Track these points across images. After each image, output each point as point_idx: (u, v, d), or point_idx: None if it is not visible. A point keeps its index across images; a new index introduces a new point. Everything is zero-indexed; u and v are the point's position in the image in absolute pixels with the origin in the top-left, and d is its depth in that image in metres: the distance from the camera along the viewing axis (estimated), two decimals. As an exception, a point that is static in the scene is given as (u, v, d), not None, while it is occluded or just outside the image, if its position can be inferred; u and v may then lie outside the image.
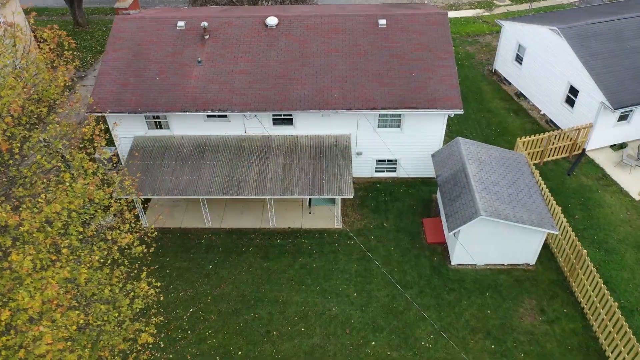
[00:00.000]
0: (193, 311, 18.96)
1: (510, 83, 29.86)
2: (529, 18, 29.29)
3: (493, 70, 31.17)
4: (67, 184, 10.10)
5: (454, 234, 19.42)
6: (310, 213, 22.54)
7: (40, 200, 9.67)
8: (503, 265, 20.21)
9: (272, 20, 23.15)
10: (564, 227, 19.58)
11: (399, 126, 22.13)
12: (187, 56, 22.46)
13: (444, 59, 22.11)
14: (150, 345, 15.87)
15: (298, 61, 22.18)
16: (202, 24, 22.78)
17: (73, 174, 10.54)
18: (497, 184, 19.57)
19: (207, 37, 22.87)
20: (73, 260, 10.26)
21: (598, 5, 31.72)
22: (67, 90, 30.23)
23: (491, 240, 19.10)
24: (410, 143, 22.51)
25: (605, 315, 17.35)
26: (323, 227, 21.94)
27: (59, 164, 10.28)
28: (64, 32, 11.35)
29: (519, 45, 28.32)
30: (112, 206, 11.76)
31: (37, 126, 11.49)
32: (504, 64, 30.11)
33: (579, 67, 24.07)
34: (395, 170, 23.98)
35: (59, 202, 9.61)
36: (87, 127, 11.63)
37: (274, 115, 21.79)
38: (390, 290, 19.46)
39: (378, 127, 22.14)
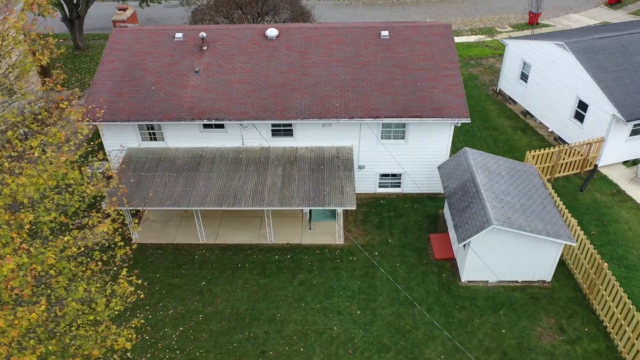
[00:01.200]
0: (183, 330, 17.50)
1: (515, 102, 29.17)
2: (533, 37, 28.90)
3: (498, 90, 30.56)
4: (36, 154, 9.08)
5: (464, 246, 18.18)
6: (310, 229, 21.34)
7: (5, 175, 8.61)
8: (517, 282, 18.84)
9: (272, 32, 22.64)
10: (581, 240, 18.35)
11: (403, 137, 21.23)
12: (184, 66, 21.82)
13: (448, 68, 21.44)
14: (129, 354, 14.31)
15: (298, 71, 21.51)
16: (200, 35, 22.26)
17: (44, 147, 9.53)
18: (508, 194, 18.47)
19: (205, 47, 22.30)
20: (40, 243, 9.10)
21: (603, 25, 31.46)
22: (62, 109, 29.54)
23: (504, 253, 17.83)
24: (415, 155, 21.55)
25: (632, 333, 15.90)
26: (324, 243, 20.69)
27: (31, 144, 9.34)
28: (44, 1, 10.69)
29: (524, 63, 27.78)
30: (89, 192, 10.65)
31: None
32: (508, 83, 29.52)
33: (587, 80, 23.37)
34: (399, 186, 22.91)
35: (25, 175, 8.52)
36: (61, 96, 10.68)
37: (272, 125, 20.94)
38: (396, 308, 18.04)
39: (381, 138, 21.23)
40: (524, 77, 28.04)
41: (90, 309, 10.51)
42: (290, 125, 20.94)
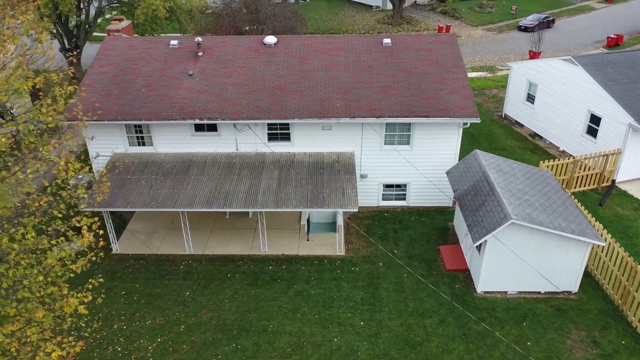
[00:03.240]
0: (161, 341, 15.27)
1: (522, 125, 28.10)
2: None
3: (503, 116, 29.61)
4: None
5: (479, 248, 16.34)
6: (308, 240, 19.49)
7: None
8: (539, 293, 16.79)
9: (270, 39, 21.91)
10: (609, 244, 16.52)
11: (408, 143, 19.87)
12: (177, 71, 20.85)
13: (454, 72, 20.47)
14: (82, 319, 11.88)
15: (297, 75, 20.52)
16: (195, 40, 21.49)
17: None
18: (525, 193, 16.85)
19: (200, 53, 21.45)
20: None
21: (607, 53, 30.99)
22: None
23: (524, 256, 15.93)
24: (421, 162, 20.08)
25: (678, 341, 13.76)
26: (323, 254, 18.79)
27: None
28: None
29: (530, 84, 26.98)
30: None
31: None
32: (514, 106, 28.60)
33: (599, 92, 22.38)
34: (404, 198, 21.26)
35: None
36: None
37: (269, 127, 19.64)
38: (404, 319, 15.89)
39: (385, 144, 19.87)
40: (530, 98, 27.14)
41: (42, 269, 8.66)
42: (287, 127, 19.64)
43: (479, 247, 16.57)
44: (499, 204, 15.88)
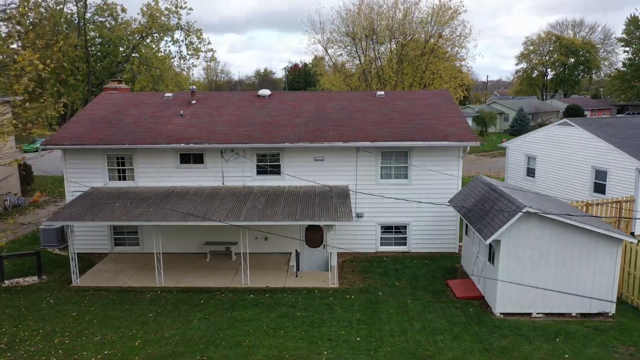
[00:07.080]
0: (108, 354, 12.28)
1: (526, 202, 26.89)
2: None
3: (504, 197, 28.55)
4: None
5: (492, 261, 14.13)
6: (296, 276, 17.10)
7: None
8: (570, 315, 14.09)
9: (264, 92, 22.09)
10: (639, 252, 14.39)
11: (406, 176, 18.65)
12: (168, 113, 20.57)
13: (450, 112, 20.14)
14: None
15: (290, 114, 20.17)
16: (190, 88, 21.63)
17: None
18: (537, 201, 15.19)
19: (194, 102, 21.41)
20: None
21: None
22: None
23: (546, 263, 13.69)
24: (420, 197, 18.60)
25: None
26: (313, 286, 16.30)
27: None
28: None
29: (528, 158, 26.55)
30: None
31: None
32: (514, 183, 27.73)
33: (600, 145, 21.84)
34: (405, 243, 19.25)
35: None
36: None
37: (258, 159, 18.61)
38: (411, 336, 13.03)
39: (381, 178, 18.66)
40: (531, 172, 26.47)
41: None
42: (277, 159, 18.61)
43: (491, 259, 14.37)
44: (509, 200, 14.18)
